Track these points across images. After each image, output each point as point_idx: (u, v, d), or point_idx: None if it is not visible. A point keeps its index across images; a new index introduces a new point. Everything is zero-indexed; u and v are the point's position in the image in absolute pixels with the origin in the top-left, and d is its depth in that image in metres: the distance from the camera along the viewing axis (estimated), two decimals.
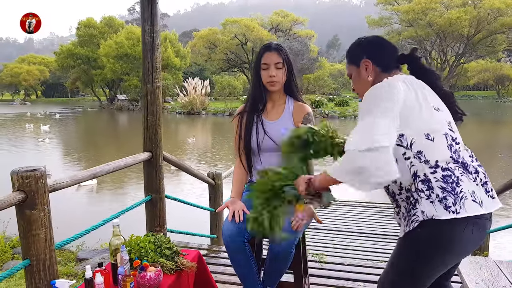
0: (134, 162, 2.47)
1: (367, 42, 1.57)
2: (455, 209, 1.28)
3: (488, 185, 1.38)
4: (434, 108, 1.39)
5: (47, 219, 1.74)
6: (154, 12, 2.56)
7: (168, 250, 2.09)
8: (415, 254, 1.37)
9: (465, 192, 1.30)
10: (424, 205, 1.31)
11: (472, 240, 1.33)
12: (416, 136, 1.34)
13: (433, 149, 1.33)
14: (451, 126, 1.41)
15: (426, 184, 1.32)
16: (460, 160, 1.36)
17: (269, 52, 2.03)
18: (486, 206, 1.32)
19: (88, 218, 6.52)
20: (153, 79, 2.60)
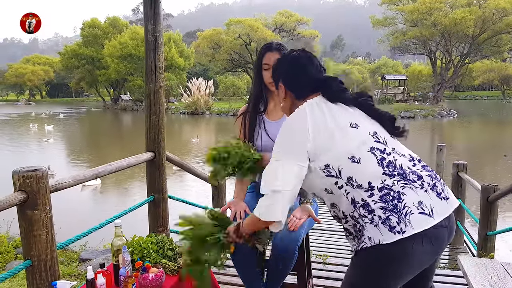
0: (137, 162, 2.46)
1: (285, 64, 1.52)
2: (400, 228, 1.22)
3: (438, 187, 1.31)
4: (350, 126, 1.34)
5: (49, 219, 1.73)
6: (157, 11, 2.54)
7: (171, 251, 2.07)
8: (366, 271, 1.33)
9: (409, 207, 1.24)
10: (369, 230, 1.27)
11: (425, 253, 1.26)
12: (341, 162, 1.30)
13: (362, 171, 1.28)
14: (377, 137, 1.34)
15: (366, 208, 1.27)
16: (397, 172, 1.29)
17: (270, 52, 2.01)
18: (438, 212, 1.25)
19: (91, 218, 6.53)
20: (155, 79, 2.59)
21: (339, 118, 1.35)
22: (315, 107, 1.38)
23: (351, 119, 1.36)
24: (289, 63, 1.52)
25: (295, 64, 1.50)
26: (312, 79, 1.47)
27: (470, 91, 73.05)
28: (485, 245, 3.48)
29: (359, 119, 1.38)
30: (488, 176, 10.36)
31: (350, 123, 1.34)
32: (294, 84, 1.49)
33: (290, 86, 1.49)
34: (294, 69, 1.50)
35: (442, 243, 1.29)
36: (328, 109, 1.38)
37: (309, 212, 1.82)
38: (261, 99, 2.10)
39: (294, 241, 1.75)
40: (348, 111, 1.39)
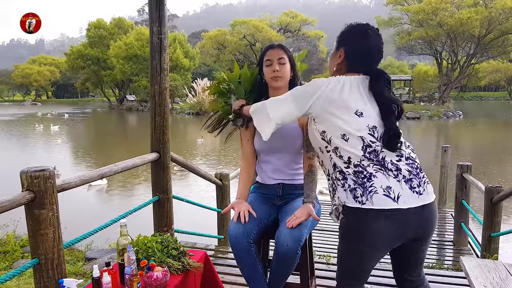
0: (142, 162, 2.49)
1: (358, 38, 1.58)
2: (361, 199, 1.43)
3: (413, 181, 1.45)
4: (356, 113, 1.49)
5: (56, 218, 1.76)
6: (162, 13, 2.57)
7: (175, 250, 2.10)
8: (340, 240, 1.58)
9: (376, 187, 1.42)
10: (339, 192, 1.52)
11: (386, 231, 1.42)
12: (333, 134, 1.51)
13: (346, 148, 1.48)
14: (373, 131, 1.49)
15: (342, 174, 1.50)
16: (376, 160, 1.46)
17: (272, 50, 2.03)
18: (404, 201, 1.41)
19: (97, 218, 6.57)
20: (160, 80, 2.61)
21: (352, 102, 1.50)
22: (344, 82, 1.52)
23: (361, 107, 1.50)
24: (365, 35, 1.57)
25: (368, 41, 1.58)
26: (372, 62, 1.58)
27: (476, 92, 72.61)
28: (489, 246, 3.48)
29: (369, 111, 1.51)
30: (493, 177, 10.31)
31: (357, 110, 1.49)
32: (355, 56, 1.58)
33: (350, 59, 1.59)
34: (366, 45, 1.58)
35: (407, 228, 1.44)
36: (352, 89, 1.52)
37: (309, 212, 1.83)
38: (262, 97, 2.12)
39: (296, 240, 1.77)
40: (364, 100, 1.52)
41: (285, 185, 2.09)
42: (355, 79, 1.54)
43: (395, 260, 1.68)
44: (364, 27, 1.59)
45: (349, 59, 1.59)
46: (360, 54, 1.57)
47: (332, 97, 1.50)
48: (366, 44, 1.57)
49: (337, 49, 1.63)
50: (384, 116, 1.52)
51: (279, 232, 1.82)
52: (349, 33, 1.61)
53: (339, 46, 1.62)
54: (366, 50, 1.57)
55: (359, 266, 1.54)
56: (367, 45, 1.57)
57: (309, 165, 1.98)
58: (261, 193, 2.15)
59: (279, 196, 2.11)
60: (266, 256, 2.17)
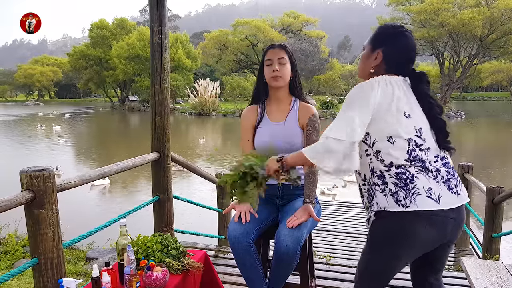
0: (142, 162, 2.49)
1: (396, 39, 1.56)
2: (405, 203, 1.39)
3: (451, 182, 1.44)
4: (404, 115, 1.46)
5: (55, 218, 1.76)
6: (163, 13, 2.57)
7: (175, 250, 2.10)
8: (371, 244, 1.52)
9: (419, 189, 1.40)
10: (379, 198, 1.46)
11: (426, 235, 1.40)
12: (378, 137, 1.46)
13: (390, 151, 1.45)
14: (420, 133, 1.47)
15: (381, 179, 1.46)
16: (419, 161, 1.44)
17: (273, 49, 2.03)
18: (445, 202, 1.39)
19: (99, 217, 6.59)
20: (161, 80, 2.62)
21: (401, 102, 1.48)
22: (390, 83, 1.50)
23: (408, 108, 1.48)
24: (402, 36, 1.56)
25: (406, 41, 1.56)
26: (411, 63, 1.57)
27: (478, 92, 72.39)
28: (490, 247, 3.47)
29: (415, 111, 1.49)
30: (495, 178, 10.28)
31: (405, 112, 1.47)
32: (394, 57, 1.56)
33: (388, 60, 1.55)
34: (404, 45, 1.56)
35: (446, 231, 1.42)
36: (398, 90, 1.49)
37: (309, 212, 1.83)
38: (261, 97, 2.12)
39: (296, 241, 1.77)
40: (410, 100, 1.50)
41: (285, 185, 2.09)
42: (399, 80, 1.53)
43: (417, 262, 1.60)
44: (400, 28, 1.58)
45: (388, 60, 1.55)
46: (399, 55, 1.55)
47: (384, 100, 1.47)
48: (405, 45, 1.56)
49: (372, 51, 1.59)
50: (430, 116, 1.51)
51: (278, 232, 1.82)
52: (386, 33, 1.59)
53: (375, 48, 1.58)
54: (405, 51, 1.56)
55: (390, 271, 1.51)
56: (406, 45, 1.56)
57: (309, 166, 1.98)
58: None
59: (279, 197, 2.11)
60: (266, 256, 2.17)
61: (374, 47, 1.59)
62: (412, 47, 1.57)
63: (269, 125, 2.09)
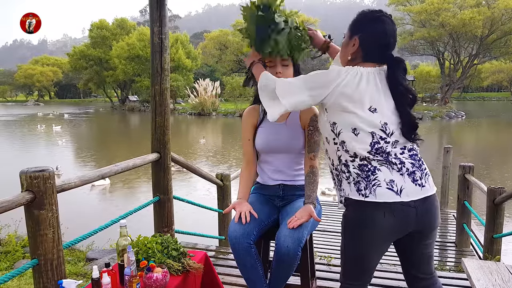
0: (142, 163, 2.48)
1: (372, 25, 1.53)
2: (365, 193, 1.46)
3: (416, 174, 1.47)
4: (369, 110, 1.47)
5: (55, 219, 1.75)
6: (163, 13, 2.56)
7: (175, 251, 2.09)
8: (343, 232, 1.58)
9: (379, 181, 1.44)
10: (344, 184, 1.55)
11: (385, 222, 1.44)
12: (344, 128, 1.50)
13: (354, 142, 1.48)
14: (385, 127, 1.48)
15: (346, 168, 1.53)
16: (383, 155, 1.47)
17: None
18: (407, 193, 1.43)
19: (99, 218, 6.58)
20: (161, 81, 2.61)
21: (368, 97, 1.47)
22: (361, 75, 1.48)
23: (375, 103, 1.48)
24: (379, 21, 1.52)
25: (383, 27, 1.52)
26: (388, 49, 1.53)
27: (478, 92, 72.39)
28: (491, 248, 3.46)
29: (382, 105, 1.49)
30: (496, 178, 10.27)
31: (371, 106, 1.47)
32: (371, 44, 1.53)
33: (365, 46, 1.53)
34: (380, 31, 1.52)
35: (407, 219, 1.45)
36: (366, 83, 1.48)
37: (310, 213, 1.82)
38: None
39: (297, 242, 1.76)
40: (379, 93, 1.49)
41: (285, 186, 2.08)
42: (372, 71, 1.51)
43: (401, 256, 1.66)
44: (377, 13, 1.54)
45: (365, 47, 1.53)
46: (376, 41, 1.52)
47: (348, 91, 1.46)
48: (381, 31, 1.51)
49: (350, 38, 1.57)
50: (400, 107, 1.50)
51: (279, 233, 1.81)
52: (363, 20, 1.55)
53: (352, 34, 1.56)
54: (382, 37, 1.52)
55: (362, 262, 1.54)
56: (383, 31, 1.51)
57: (310, 166, 1.97)
58: (262, 193, 2.14)
59: (279, 197, 2.10)
60: (267, 257, 2.16)
61: (352, 33, 1.57)
62: (390, 32, 1.52)
63: (270, 125, 2.08)
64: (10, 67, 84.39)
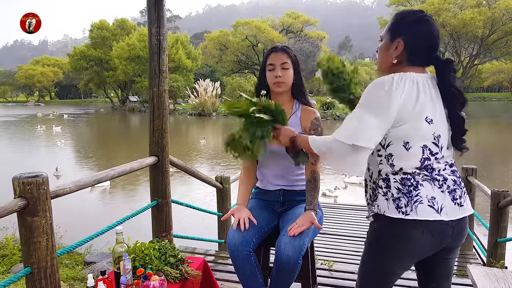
0: (139, 166, 2.43)
1: (416, 26, 1.43)
2: (405, 210, 1.35)
3: (456, 192, 1.38)
4: (426, 120, 1.37)
5: (49, 226, 1.70)
6: (161, 14, 2.52)
7: (173, 257, 2.04)
8: (369, 246, 1.48)
9: (422, 197, 1.34)
10: (380, 200, 1.42)
11: (422, 240, 1.35)
12: (394, 140, 1.38)
13: (403, 157, 1.38)
14: (438, 140, 1.39)
15: (386, 182, 1.41)
16: (428, 169, 1.37)
17: (275, 53, 1.98)
18: (447, 213, 1.35)
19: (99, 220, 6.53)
20: (159, 83, 2.56)
21: (423, 106, 1.36)
22: (417, 83, 1.37)
23: (431, 113, 1.38)
24: (422, 22, 1.43)
25: (428, 28, 1.43)
26: (434, 50, 1.44)
27: (479, 93, 72.34)
28: (495, 252, 3.41)
29: (438, 116, 1.40)
30: (497, 179, 10.22)
31: (427, 116, 1.37)
32: (416, 45, 1.42)
33: (410, 48, 1.42)
34: (426, 32, 1.42)
35: (443, 239, 1.37)
36: (424, 93, 1.37)
37: (311, 220, 1.77)
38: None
39: (297, 250, 1.71)
40: (434, 103, 1.39)
41: (286, 191, 2.04)
42: (426, 77, 1.41)
43: (422, 270, 1.56)
44: (420, 13, 1.45)
45: (410, 49, 1.42)
46: (422, 43, 1.42)
47: (408, 103, 1.34)
48: (427, 31, 1.42)
49: (392, 40, 1.46)
50: (452, 112, 1.41)
51: (279, 241, 1.76)
52: (405, 21, 1.45)
53: (394, 37, 1.45)
54: (428, 38, 1.42)
55: (387, 279, 1.46)
56: (429, 32, 1.42)
57: (311, 171, 1.92)
58: (262, 199, 2.09)
59: (280, 203, 2.05)
60: (267, 263, 2.12)
61: (393, 36, 1.46)
62: (435, 33, 1.43)
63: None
64: (11, 68, 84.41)
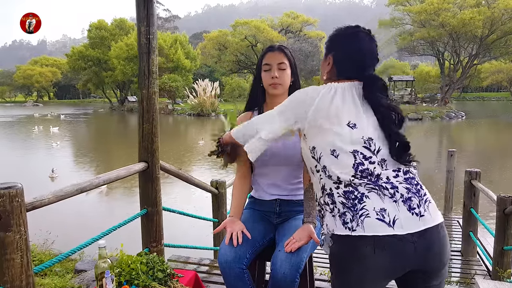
0: (127, 174, 2.29)
1: (345, 41, 1.43)
2: (351, 225, 1.23)
3: (412, 201, 1.24)
4: (348, 125, 1.31)
5: (24, 241, 1.56)
6: (151, 12, 2.38)
7: (161, 272, 1.90)
8: (331, 270, 1.37)
9: (368, 209, 1.22)
10: (328, 219, 1.32)
11: (377, 259, 1.19)
12: (323, 151, 1.32)
13: (336, 165, 1.29)
14: (369, 144, 1.30)
15: (330, 198, 1.31)
16: (371, 178, 1.26)
17: (271, 52, 1.84)
18: (401, 225, 1.19)
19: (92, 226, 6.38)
20: (149, 84, 2.42)
21: (345, 111, 1.32)
22: (335, 90, 1.36)
23: (354, 118, 1.32)
24: (352, 37, 1.42)
25: (357, 45, 1.41)
26: (363, 66, 1.40)
27: (478, 92, 72.29)
28: (501, 260, 3.27)
29: (363, 120, 1.32)
30: (498, 180, 10.09)
31: (349, 121, 1.31)
32: (344, 61, 1.42)
33: (338, 63, 1.43)
34: (354, 49, 1.41)
35: (405, 256, 1.20)
36: (341, 97, 1.34)
37: (310, 234, 1.63)
38: (258, 103, 1.94)
39: (295, 267, 1.57)
40: (358, 108, 1.34)
41: (282, 201, 1.90)
42: (348, 85, 1.37)
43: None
44: (353, 29, 1.43)
45: (338, 65, 1.42)
46: (349, 59, 1.41)
47: (322, 106, 1.33)
48: (355, 48, 1.40)
49: (325, 56, 1.48)
50: (384, 126, 1.33)
51: (275, 257, 1.62)
52: (336, 37, 1.46)
53: (327, 53, 1.47)
54: (355, 55, 1.40)
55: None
56: (357, 48, 1.40)
57: (310, 179, 1.78)
58: (257, 209, 1.95)
59: (276, 213, 1.91)
60: (262, 278, 1.97)
61: (327, 51, 1.48)
62: (366, 50, 1.40)
63: None
64: (9, 68, 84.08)
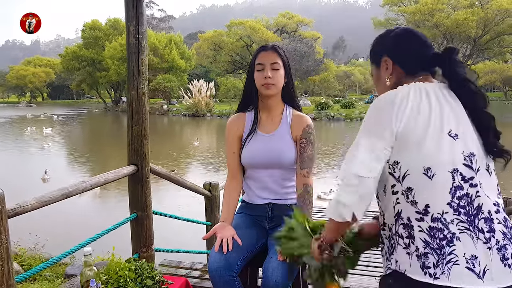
0: (116, 177, 2.23)
1: (391, 36, 1.27)
2: (434, 272, 1.00)
3: (507, 249, 1.01)
4: (449, 135, 1.07)
5: (5, 250, 1.49)
6: (140, 11, 2.32)
7: (150, 279, 1.84)
8: None
9: (457, 255, 0.99)
10: (400, 254, 1.07)
11: None
12: (412, 168, 1.06)
13: (427, 189, 1.04)
14: (469, 160, 1.06)
15: (407, 230, 1.06)
16: (466, 211, 1.02)
17: (264, 52, 1.79)
18: (492, 278, 0.98)
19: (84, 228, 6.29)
20: (138, 85, 2.36)
21: (443, 118, 1.08)
22: (426, 93, 1.11)
23: (454, 125, 1.09)
24: (396, 34, 1.27)
25: (406, 34, 1.26)
26: (429, 50, 1.22)
27: None
28: None
29: (463, 130, 1.09)
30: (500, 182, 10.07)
31: (450, 130, 1.08)
32: (406, 55, 1.23)
33: (399, 58, 1.23)
34: (408, 37, 1.25)
35: None
36: (437, 101, 1.11)
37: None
38: (251, 104, 1.89)
39: (287, 274, 1.52)
40: (455, 111, 1.11)
41: (275, 205, 1.84)
42: (437, 86, 1.16)
43: None
44: (395, 28, 1.32)
45: (400, 58, 1.24)
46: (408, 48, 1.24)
47: (417, 117, 1.07)
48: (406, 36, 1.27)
49: (378, 64, 1.29)
50: (475, 114, 1.13)
51: (267, 265, 1.57)
52: (382, 40, 1.31)
53: (379, 59, 1.28)
54: (410, 40, 1.25)
55: None
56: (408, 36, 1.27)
57: (304, 184, 1.73)
58: (248, 214, 1.90)
59: (268, 218, 1.86)
60: (254, 286, 1.92)
61: (377, 59, 1.29)
62: (416, 33, 1.27)
63: (258, 136, 1.84)
64: (2, 68, 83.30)
